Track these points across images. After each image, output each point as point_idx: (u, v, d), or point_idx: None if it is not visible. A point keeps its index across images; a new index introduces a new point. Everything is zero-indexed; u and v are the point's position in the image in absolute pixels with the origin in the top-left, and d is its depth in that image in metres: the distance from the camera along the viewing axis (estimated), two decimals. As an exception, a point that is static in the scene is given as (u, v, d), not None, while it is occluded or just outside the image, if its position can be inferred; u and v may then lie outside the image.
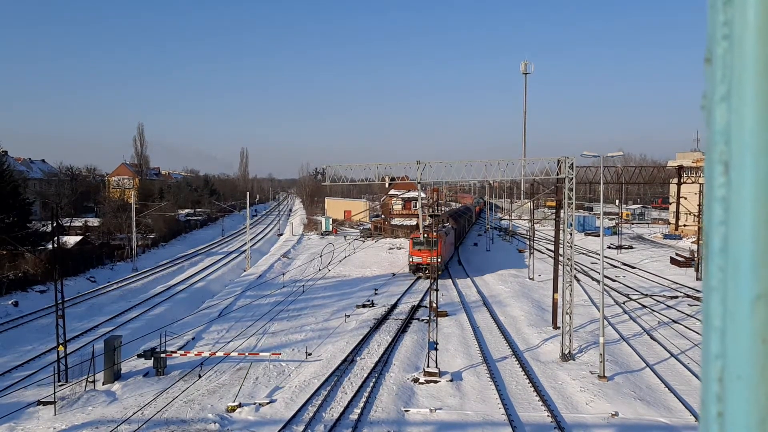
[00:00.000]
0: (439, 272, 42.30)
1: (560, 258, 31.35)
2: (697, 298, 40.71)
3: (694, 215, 71.47)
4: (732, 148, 0.59)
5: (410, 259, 49.42)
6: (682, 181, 69.63)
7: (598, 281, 37.41)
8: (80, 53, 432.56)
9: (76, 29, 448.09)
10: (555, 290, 32.34)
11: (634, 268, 55.00)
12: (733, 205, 0.59)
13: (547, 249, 62.17)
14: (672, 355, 28.32)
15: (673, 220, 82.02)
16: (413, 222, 73.18)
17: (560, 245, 31.53)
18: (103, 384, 25.59)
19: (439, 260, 42.67)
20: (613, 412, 21.65)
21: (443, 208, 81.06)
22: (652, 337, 31.36)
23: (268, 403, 22.78)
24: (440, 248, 43.58)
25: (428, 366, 25.69)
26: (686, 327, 32.92)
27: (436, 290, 28.92)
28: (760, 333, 0.57)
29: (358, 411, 21.86)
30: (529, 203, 68.53)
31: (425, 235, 47.28)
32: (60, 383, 25.18)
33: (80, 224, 70.35)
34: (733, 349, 0.58)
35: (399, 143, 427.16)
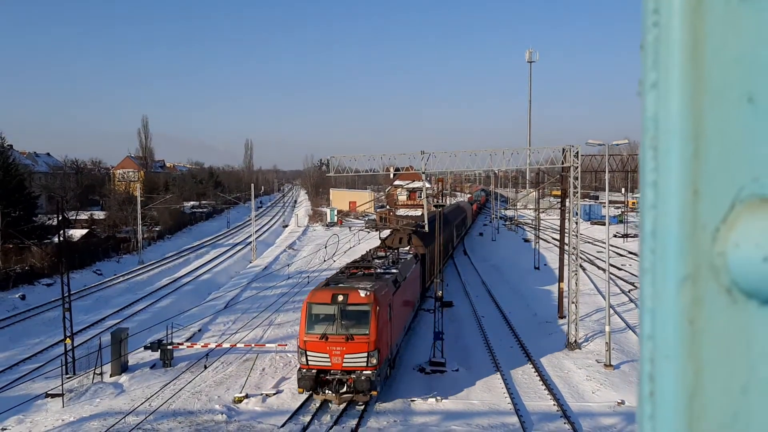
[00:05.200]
0: (375, 392, 20.46)
1: (566, 247, 31.27)
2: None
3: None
4: (660, 133, 0.61)
5: (302, 358, 20.65)
6: (688, 168, 69.11)
7: (603, 270, 37.29)
8: (84, 46, 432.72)
9: (80, 22, 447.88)
10: (560, 279, 32.29)
11: (640, 256, 54.77)
12: (661, 189, 0.61)
13: (553, 238, 62.02)
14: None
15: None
16: (418, 212, 73.06)
17: (566, 234, 31.44)
18: (111, 376, 25.73)
19: (375, 360, 20.00)
20: (620, 401, 21.65)
21: (443, 201, 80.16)
22: (658, 326, 31.28)
23: (274, 394, 22.86)
24: (375, 326, 20.08)
25: (434, 356, 25.73)
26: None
27: (441, 280, 28.88)
28: (686, 313, 0.59)
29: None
30: (534, 192, 68.30)
31: (341, 297, 20.40)
32: (68, 376, 25.33)
33: (86, 217, 70.49)
34: (661, 329, 0.60)
35: (403, 134, 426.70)
